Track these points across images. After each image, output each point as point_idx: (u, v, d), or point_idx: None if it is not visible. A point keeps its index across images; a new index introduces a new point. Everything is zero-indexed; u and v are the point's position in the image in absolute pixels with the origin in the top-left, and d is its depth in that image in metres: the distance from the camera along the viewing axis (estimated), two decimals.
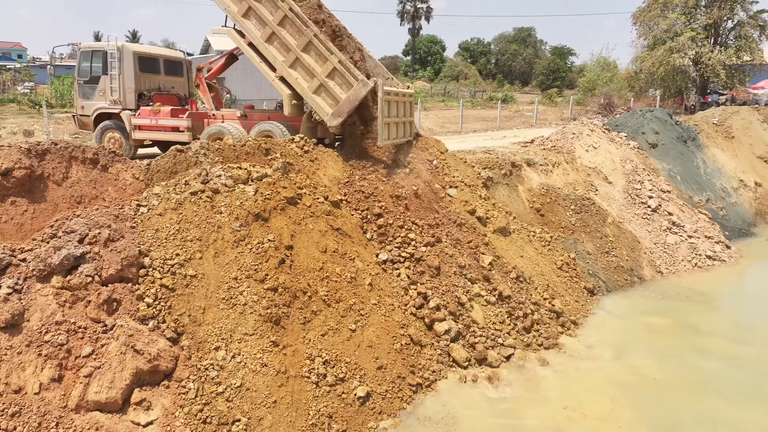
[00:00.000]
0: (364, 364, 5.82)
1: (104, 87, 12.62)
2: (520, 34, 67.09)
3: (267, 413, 5.07)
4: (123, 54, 12.47)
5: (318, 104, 9.02)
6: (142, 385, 4.99)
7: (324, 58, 8.85)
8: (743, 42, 31.22)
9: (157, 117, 12.13)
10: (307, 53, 8.99)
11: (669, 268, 10.53)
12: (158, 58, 13.52)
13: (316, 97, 9.02)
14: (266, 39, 9.26)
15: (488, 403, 5.95)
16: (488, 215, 8.66)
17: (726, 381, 6.60)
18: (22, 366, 4.71)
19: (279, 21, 9.07)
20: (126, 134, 12.45)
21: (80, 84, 13.12)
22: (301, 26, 8.94)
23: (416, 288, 6.92)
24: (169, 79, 13.67)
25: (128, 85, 12.53)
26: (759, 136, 16.68)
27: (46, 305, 5.03)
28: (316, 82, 8.94)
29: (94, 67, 12.76)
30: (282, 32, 9.09)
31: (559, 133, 13.34)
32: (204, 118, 11.80)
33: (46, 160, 6.23)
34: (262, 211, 6.31)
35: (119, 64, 12.40)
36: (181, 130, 11.97)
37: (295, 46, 9.02)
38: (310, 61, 8.96)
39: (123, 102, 12.53)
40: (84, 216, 5.75)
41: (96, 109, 12.79)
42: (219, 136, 11.05)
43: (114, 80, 12.45)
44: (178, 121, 11.99)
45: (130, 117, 12.39)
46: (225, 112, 11.72)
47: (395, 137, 9.02)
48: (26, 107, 25.78)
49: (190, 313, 5.46)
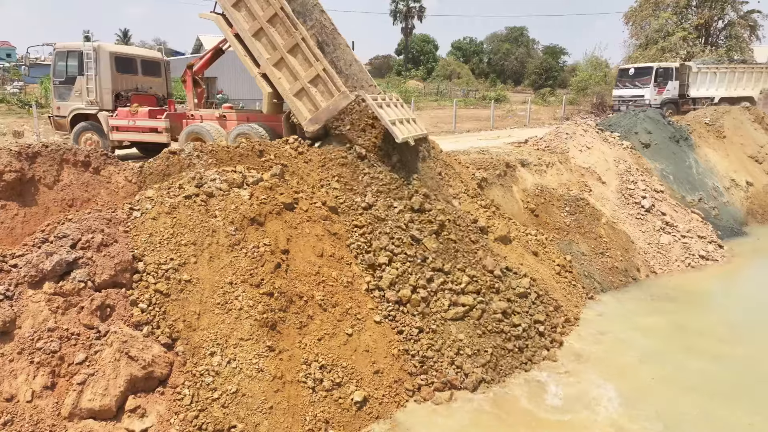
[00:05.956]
0: (360, 368, 5.79)
1: (80, 87, 12.48)
2: (512, 33, 67.19)
3: (263, 419, 5.02)
4: (99, 54, 12.34)
5: (297, 107, 8.98)
6: (136, 392, 4.93)
7: (309, 63, 8.82)
8: (734, 42, 31.54)
9: (135, 118, 12.05)
10: (293, 55, 8.94)
11: (663, 268, 10.58)
12: (135, 59, 13.41)
13: (297, 100, 8.98)
14: (254, 33, 9.17)
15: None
16: (489, 224, 8.65)
17: (720, 381, 6.63)
18: (14, 374, 4.64)
19: (269, 18, 8.98)
20: (103, 135, 12.34)
21: (56, 84, 12.99)
22: (291, 27, 8.86)
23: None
24: (147, 80, 13.56)
25: (105, 86, 12.41)
26: (750, 136, 16.79)
27: (38, 312, 4.95)
28: (299, 85, 8.91)
29: (69, 67, 12.64)
30: (271, 30, 9.01)
31: (553, 133, 13.36)
32: (183, 118, 11.72)
33: (36, 162, 6.14)
34: (257, 215, 6.25)
35: (95, 64, 12.26)
36: (159, 131, 11.91)
37: (282, 46, 8.95)
38: (295, 63, 8.92)
39: (100, 103, 12.41)
40: (76, 220, 5.67)
41: (72, 110, 12.66)
42: (197, 137, 11.07)
43: (90, 81, 12.32)
44: (156, 122, 11.92)
45: (108, 118, 12.28)
46: (204, 113, 11.62)
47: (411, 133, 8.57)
48: (15, 107, 25.51)
49: (185, 318, 5.41)
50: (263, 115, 10.47)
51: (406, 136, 7.88)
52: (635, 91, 25.87)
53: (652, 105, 23.87)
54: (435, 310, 6.62)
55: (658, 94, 25.18)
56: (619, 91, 26.91)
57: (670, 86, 25.31)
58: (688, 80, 25.59)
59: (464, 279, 7.05)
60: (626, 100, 25.84)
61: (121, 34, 65.96)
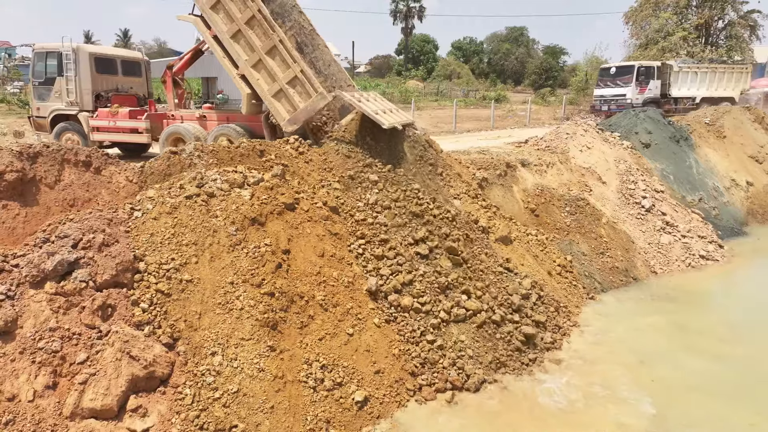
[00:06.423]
0: (361, 368, 5.80)
1: (60, 88, 12.49)
2: (512, 33, 67.17)
3: (264, 419, 5.03)
4: (78, 55, 12.36)
5: (276, 108, 9.10)
6: (137, 392, 4.94)
7: (287, 65, 8.95)
8: (734, 42, 31.55)
9: (115, 118, 12.10)
10: (271, 57, 9.07)
11: (663, 268, 10.58)
12: (115, 59, 13.44)
13: (275, 101, 9.12)
14: (232, 35, 9.27)
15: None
16: (490, 225, 8.65)
17: (721, 381, 6.63)
18: (16, 373, 4.64)
19: (247, 20, 9.08)
20: (83, 136, 12.35)
21: (35, 85, 12.98)
22: (268, 29, 8.97)
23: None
24: (128, 80, 13.59)
25: (85, 87, 12.43)
26: (750, 136, 16.79)
27: (39, 311, 4.96)
28: (277, 86, 9.04)
29: (49, 68, 12.64)
30: (248, 32, 9.11)
31: (553, 133, 13.37)
32: (163, 119, 11.79)
33: (38, 162, 6.15)
34: (258, 216, 6.26)
35: (75, 65, 12.27)
36: (140, 131, 11.98)
37: (260, 48, 9.05)
38: (273, 65, 9.04)
39: (80, 103, 12.42)
40: (77, 220, 5.68)
41: (52, 111, 12.67)
42: (177, 137, 11.20)
43: (70, 81, 12.33)
44: (136, 122, 11.97)
45: (88, 118, 12.29)
46: (184, 113, 11.70)
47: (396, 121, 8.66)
48: (16, 107, 25.52)
49: (186, 318, 5.41)
50: (243, 116, 10.57)
51: (391, 122, 8.03)
52: (617, 90, 25.41)
53: (633, 104, 23.44)
54: (436, 312, 6.62)
55: (639, 93, 24.72)
56: (600, 90, 26.43)
57: (652, 85, 24.85)
58: (670, 79, 25.18)
59: (465, 280, 7.05)
60: (607, 100, 25.46)
61: (121, 34, 65.93)
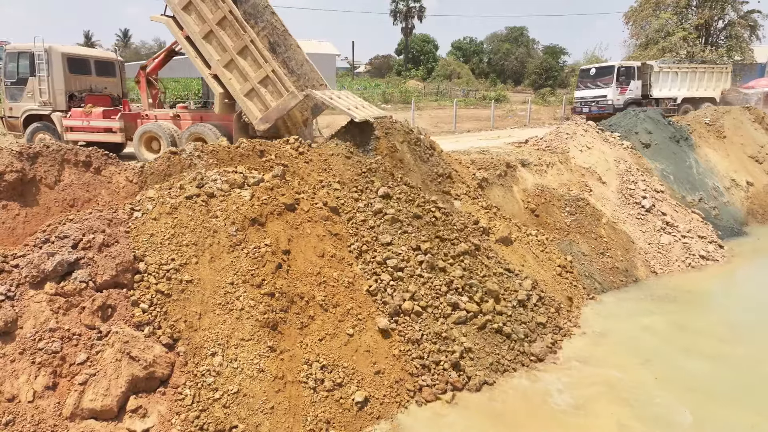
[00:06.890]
0: (361, 368, 5.79)
1: (32, 88, 12.52)
2: (512, 33, 67.12)
3: (264, 419, 5.03)
4: (51, 56, 12.38)
5: (248, 107, 9.20)
6: (137, 392, 4.94)
7: (258, 65, 9.04)
8: (734, 42, 31.52)
9: (89, 118, 12.15)
10: (243, 57, 9.17)
11: (663, 268, 10.58)
12: (89, 59, 13.49)
13: (248, 100, 9.22)
14: (204, 36, 9.36)
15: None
16: (491, 225, 8.64)
17: (721, 381, 6.63)
18: (16, 374, 4.64)
19: (218, 21, 9.17)
20: (57, 136, 12.38)
21: (7, 85, 12.99)
22: (239, 30, 9.05)
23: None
24: (101, 80, 13.61)
25: (58, 87, 12.45)
26: (750, 136, 16.78)
27: (39, 312, 4.96)
28: (249, 86, 9.13)
29: (21, 68, 12.66)
30: (220, 32, 9.21)
31: (553, 133, 13.36)
32: (137, 118, 11.89)
33: (37, 163, 6.15)
34: (258, 216, 6.26)
35: (47, 65, 12.29)
36: (114, 131, 12.05)
37: (232, 48, 9.14)
38: (245, 65, 9.13)
39: (53, 103, 12.45)
40: (77, 220, 5.67)
41: (25, 111, 12.69)
42: (151, 135, 11.35)
43: (42, 82, 12.35)
44: (110, 122, 12.03)
45: (61, 118, 12.32)
46: (158, 112, 11.79)
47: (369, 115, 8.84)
48: None
49: (186, 318, 5.41)
50: (216, 115, 10.66)
51: (363, 116, 8.15)
52: (597, 91, 24.85)
53: (615, 106, 23.05)
54: (437, 313, 6.61)
55: (620, 93, 24.15)
56: (581, 92, 25.83)
57: (633, 86, 24.26)
58: (651, 80, 24.65)
59: (466, 282, 7.04)
60: (588, 101, 24.97)
61: (121, 34, 66.00)
